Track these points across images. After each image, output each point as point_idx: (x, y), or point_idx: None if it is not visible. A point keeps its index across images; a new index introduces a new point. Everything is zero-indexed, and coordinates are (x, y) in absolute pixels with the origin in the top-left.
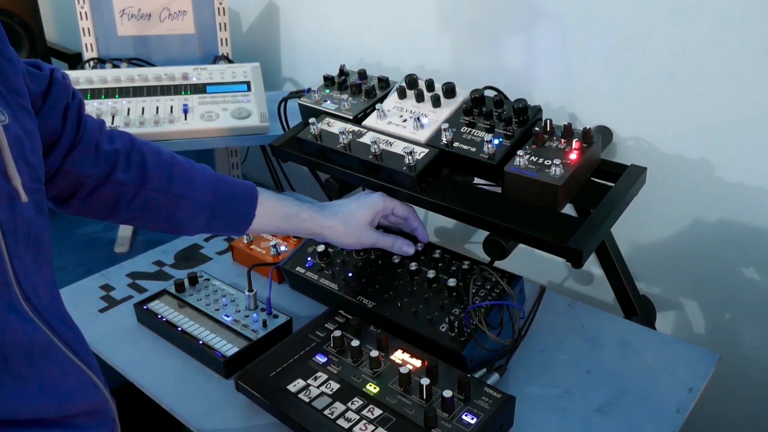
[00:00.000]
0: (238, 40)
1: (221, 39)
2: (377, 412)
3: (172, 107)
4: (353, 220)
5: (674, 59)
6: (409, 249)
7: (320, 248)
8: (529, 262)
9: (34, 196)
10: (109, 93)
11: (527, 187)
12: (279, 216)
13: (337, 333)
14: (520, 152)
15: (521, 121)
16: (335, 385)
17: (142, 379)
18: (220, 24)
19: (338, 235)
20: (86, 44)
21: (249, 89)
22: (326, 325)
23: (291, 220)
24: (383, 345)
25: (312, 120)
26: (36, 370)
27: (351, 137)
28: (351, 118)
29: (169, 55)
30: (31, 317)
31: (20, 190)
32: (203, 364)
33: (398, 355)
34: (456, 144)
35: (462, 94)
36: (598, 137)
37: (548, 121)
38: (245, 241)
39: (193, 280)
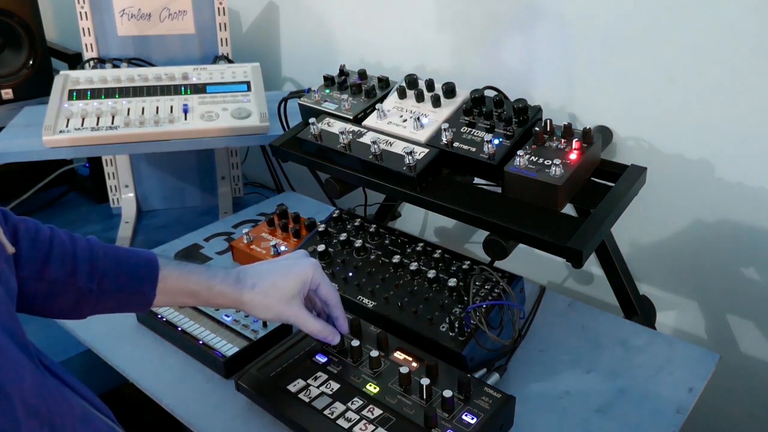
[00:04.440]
0: (238, 40)
1: (221, 39)
2: (377, 412)
3: (172, 107)
4: (275, 293)
5: (674, 59)
6: (335, 340)
7: (320, 248)
8: (529, 262)
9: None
10: (109, 93)
11: (527, 187)
12: (184, 293)
13: None
14: (520, 152)
15: (521, 121)
16: (335, 385)
17: (142, 379)
18: (220, 24)
19: (257, 310)
20: (86, 44)
21: (249, 89)
22: None
23: (198, 297)
24: (383, 345)
25: (312, 120)
26: None
27: (351, 137)
28: (351, 118)
29: (169, 55)
30: (53, 379)
31: (4, 240)
32: (203, 364)
33: (398, 355)
34: (456, 144)
35: (462, 94)
36: (598, 137)
37: (548, 121)
38: (245, 241)
39: None
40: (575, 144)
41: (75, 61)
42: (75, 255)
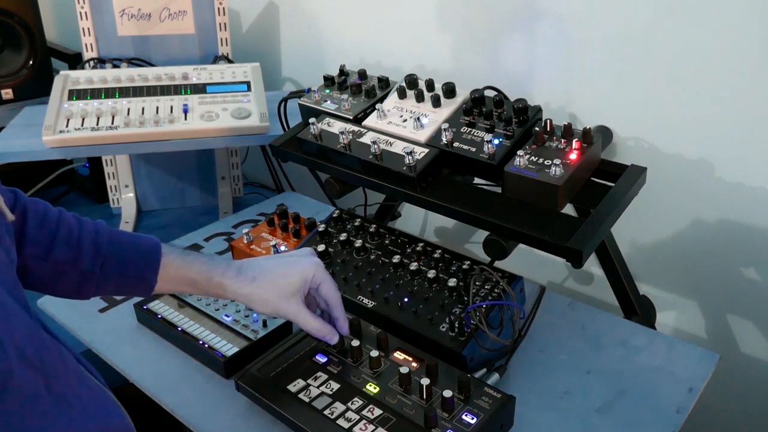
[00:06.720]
0: (238, 40)
1: (221, 39)
2: (377, 412)
3: (172, 107)
4: (274, 288)
5: (674, 59)
6: (334, 339)
7: (320, 248)
8: (529, 262)
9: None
10: (109, 93)
11: (527, 187)
12: (185, 281)
13: None
14: (520, 152)
15: (521, 121)
16: (335, 385)
17: (142, 379)
18: (220, 24)
19: (255, 304)
20: (86, 44)
21: (249, 89)
22: None
23: (199, 286)
24: (383, 345)
25: (312, 120)
26: (74, 392)
27: (351, 137)
28: (351, 118)
29: (169, 55)
30: (50, 337)
31: (4, 208)
32: (203, 364)
33: (398, 355)
34: (456, 144)
35: (462, 94)
36: (598, 137)
37: (548, 121)
38: (245, 241)
39: None
40: (575, 144)
41: (75, 61)
42: (80, 238)
